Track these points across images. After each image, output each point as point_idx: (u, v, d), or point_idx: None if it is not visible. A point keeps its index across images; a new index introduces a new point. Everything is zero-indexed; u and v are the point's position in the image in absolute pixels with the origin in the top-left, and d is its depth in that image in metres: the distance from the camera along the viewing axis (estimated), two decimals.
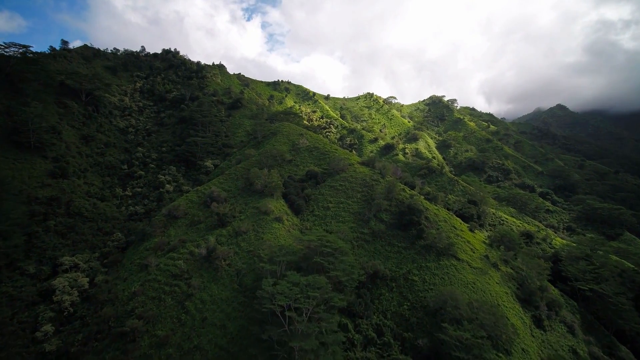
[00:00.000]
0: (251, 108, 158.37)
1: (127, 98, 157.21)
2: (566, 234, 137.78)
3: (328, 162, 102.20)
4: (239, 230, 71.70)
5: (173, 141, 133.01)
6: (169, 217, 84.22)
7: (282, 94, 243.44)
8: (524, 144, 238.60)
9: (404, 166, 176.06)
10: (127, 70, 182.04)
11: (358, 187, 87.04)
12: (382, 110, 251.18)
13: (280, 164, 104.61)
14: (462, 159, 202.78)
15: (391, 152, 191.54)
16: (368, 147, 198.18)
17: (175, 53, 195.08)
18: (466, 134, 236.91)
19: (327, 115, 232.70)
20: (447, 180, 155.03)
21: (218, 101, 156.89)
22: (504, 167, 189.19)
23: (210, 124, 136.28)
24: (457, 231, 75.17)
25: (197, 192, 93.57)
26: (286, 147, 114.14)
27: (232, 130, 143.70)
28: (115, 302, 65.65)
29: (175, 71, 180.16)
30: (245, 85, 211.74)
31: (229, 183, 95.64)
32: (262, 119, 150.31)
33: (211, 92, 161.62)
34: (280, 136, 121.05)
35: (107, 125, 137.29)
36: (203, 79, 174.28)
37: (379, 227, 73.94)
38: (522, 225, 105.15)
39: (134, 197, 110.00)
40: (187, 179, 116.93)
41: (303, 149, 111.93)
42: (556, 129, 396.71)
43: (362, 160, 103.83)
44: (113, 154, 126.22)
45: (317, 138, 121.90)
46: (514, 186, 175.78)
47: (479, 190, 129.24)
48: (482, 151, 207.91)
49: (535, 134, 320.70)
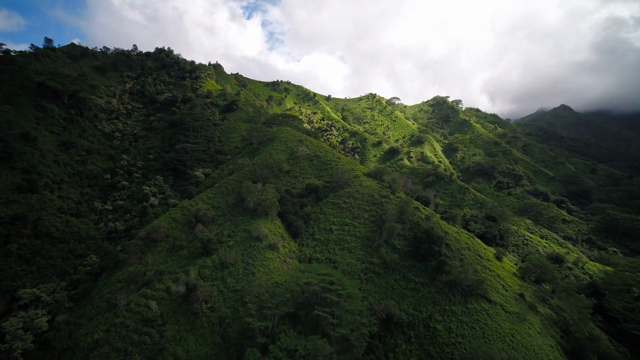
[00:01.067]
0: (247, 110, 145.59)
1: (115, 100, 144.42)
2: (586, 247, 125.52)
3: (330, 173, 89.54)
4: (225, 261, 59.18)
5: (162, 147, 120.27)
6: (147, 240, 71.68)
7: (282, 94, 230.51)
8: (532, 147, 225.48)
9: (410, 172, 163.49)
10: (117, 70, 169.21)
11: (365, 205, 74.39)
12: (385, 112, 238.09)
13: (277, 175, 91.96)
14: (469, 163, 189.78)
15: (395, 157, 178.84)
16: (371, 151, 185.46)
17: (169, 52, 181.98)
18: (473, 136, 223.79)
19: (328, 117, 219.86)
20: (456, 189, 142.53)
21: (212, 103, 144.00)
22: (514, 172, 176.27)
23: (202, 128, 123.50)
24: (484, 261, 62.58)
25: (181, 209, 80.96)
26: (284, 156, 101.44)
27: (226, 135, 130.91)
28: (75, 351, 53.29)
29: (168, 71, 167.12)
30: (242, 86, 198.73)
31: (219, 198, 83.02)
32: (258, 122, 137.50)
33: (204, 94, 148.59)
34: (278, 143, 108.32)
35: (91, 129, 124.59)
36: (197, 80, 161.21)
37: (392, 256, 61.38)
38: (549, 246, 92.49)
39: (115, 211, 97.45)
40: (175, 190, 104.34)
41: (302, 157, 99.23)
42: (560, 129, 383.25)
43: (369, 171, 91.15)
44: (96, 161, 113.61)
45: (317, 145, 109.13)
46: (526, 193, 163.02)
47: (495, 201, 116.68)
48: (490, 155, 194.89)
49: (540, 136, 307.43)
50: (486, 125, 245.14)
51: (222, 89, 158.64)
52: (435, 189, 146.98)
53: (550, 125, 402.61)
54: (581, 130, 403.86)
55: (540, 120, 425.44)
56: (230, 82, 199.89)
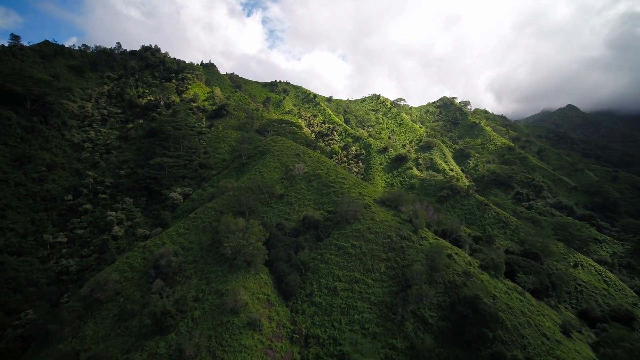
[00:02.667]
0: (239, 116, 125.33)
1: (89, 104, 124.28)
2: (626, 274, 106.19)
3: (333, 200, 69.69)
4: (184, 350, 39.67)
5: (136, 161, 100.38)
6: (90, 300, 52.21)
7: (280, 96, 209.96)
8: (548, 153, 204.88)
9: (420, 184, 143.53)
10: (96, 70, 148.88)
11: (381, 251, 54.59)
12: (390, 114, 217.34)
13: (267, 202, 72.06)
14: (483, 171, 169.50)
15: (403, 165, 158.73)
16: (377, 159, 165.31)
17: (155, 50, 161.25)
18: (484, 140, 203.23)
19: (330, 120, 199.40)
20: (475, 204, 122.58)
21: (198, 108, 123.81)
22: (534, 182, 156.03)
23: (184, 138, 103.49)
24: (552, 344, 43.01)
25: (142, 251, 61.24)
26: (277, 174, 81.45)
27: (213, 145, 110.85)
28: None
29: (152, 71, 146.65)
30: (236, 87, 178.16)
31: (191, 235, 63.30)
32: (251, 130, 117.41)
33: (190, 97, 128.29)
34: (270, 157, 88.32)
35: (56, 139, 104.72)
36: (183, 81, 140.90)
37: (423, 339, 41.82)
38: (608, 293, 72.53)
39: (72, 243, 77.92)
40: (147, 215, 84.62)
41: (299, 177, 79.27)
42: (568, 130, 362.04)
43: (382, 196, 71.11)
44: (58, 178, 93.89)
45: (318, 159, 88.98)
46: (549, 207, 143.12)
47: (530, 228, 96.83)
48: (506, 162, 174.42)
49: (550, 138, 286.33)
50: (497, 128, 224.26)
51: (210, 91, 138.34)
52: (450, 204, 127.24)
53: (557, 126, 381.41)
54: (589, 131, 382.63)
55: (547, 121, 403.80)
56: (223, 83, 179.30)
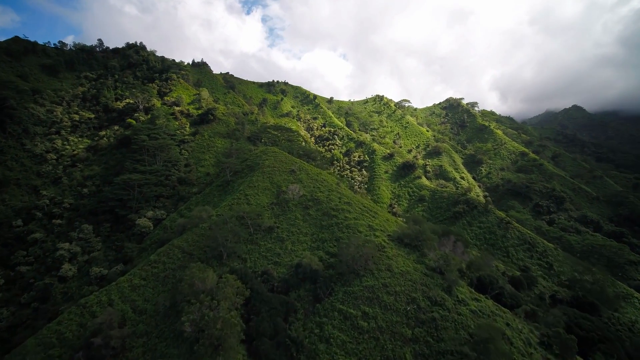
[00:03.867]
0: (228, 121, 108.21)
1: (60, 108, 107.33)
2: None
3: (337, 236, 52.95)
4: None
5: (104, 176, 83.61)
6: None
7: (278, 97, 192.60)
8: (564, 158, 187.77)
9: (431, 196, 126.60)
10: (73, 69, 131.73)
11: (404, 326, 37.88)
12: (395, 117, 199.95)
13: (252, 238, 55.35)
14: (497, 180, 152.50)
15: (411, 173, 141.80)
16: (382, 166, 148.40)
17: (140, 48, 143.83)
18: (495, 145, 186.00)
19: (331, 122, 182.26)
20: (495, 222, 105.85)
21: (182, 113, 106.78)
22: (554, 192, 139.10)
23: (162, 148, 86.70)
24: None
25: (80, 312, 44.64)
26: (266, 197, 64.62)
27: (197, 156, 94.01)
28: None
29: (134, 71, 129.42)
30: (229, 88, 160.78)
31: (149, 289, 46.58)
32: (241, 137, 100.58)
33: (173, 101, 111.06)
34: (260, 174, 71.43)
35: (13, 150, 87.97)
36: (167, 82, 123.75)
37: None
38: None
39: (10, 285, 61.33)
40: (109, 247, 67.98)
41: (294, 202, 62.47)
42: (574, 131, 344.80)
43: (401, 232, 54.14)
44: (10, 198, 77.03)
45: (317, 177, 72.00)
46: (573, 221, 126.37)
47: (559, 251, 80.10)
48: (521, 170, 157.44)
49: (560, 141, 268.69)
50: (508, 131, 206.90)
51: (197, 93, 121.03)
52: (466, 221, 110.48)
53: (563, 127, 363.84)
54: (595, 132, 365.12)
55: (553, 122, 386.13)
56: (215, 83, 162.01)
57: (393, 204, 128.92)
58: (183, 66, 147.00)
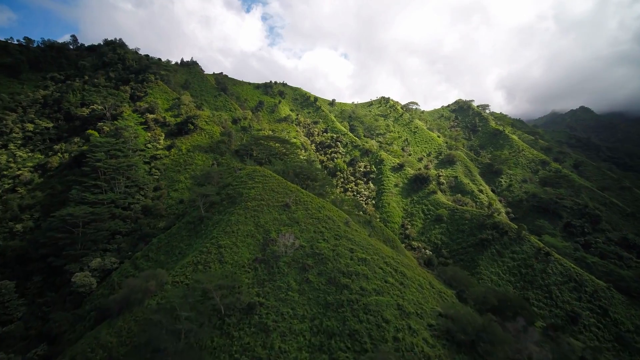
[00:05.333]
0: (212, 132, 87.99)
1: (13, 115, 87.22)
2: None
3: (351, 331, 33.33)
4: None
5: (47, 207, 63.66)
6: None
7: (275, 99, 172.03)
8: (587, 166, 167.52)
9: (450, 217, 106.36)
10: (39, 70, 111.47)
11: None
12: (402, 120, 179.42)
13: (221, 323, 35.71)
14: (520, 193, 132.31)
15: (425, 187, 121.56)
16: (391, 178, 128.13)
17: (119, 45, 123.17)
18: (511, 152, 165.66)
19: (333, 127, 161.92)
20: (531, 253, 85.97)
21: (156, 121, 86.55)
22: (587, 209, 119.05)
23: (122, 170, 66.68)
24: None
25: None
26: (248, 251, 44.58)
27: (170, 177, 73.96)
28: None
29: (108, 71, 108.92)
30: (221, 90, 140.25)
31: None
32: (227, 150, 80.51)
33: (146, 107, 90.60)
34: (243, 211, 51.44)
35: None
36: (142, 84, 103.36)
37: None
38: None
39: None
40: (34, 315, 48.40)
41: (287, 260, 42.60)
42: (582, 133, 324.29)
43: (448, 315, 34.59)
44: None
45: (319, 214, 52.01)
46: (613, 244, 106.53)
47: (612, 293, 60.43)
48: (546, 182, 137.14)
49: (573, 145, 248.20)
50: (525, 136, 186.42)
51: (177, 97, 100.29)
52: (495, 250, 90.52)
53: (571, 130, 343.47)
54: (604, 134, 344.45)
55: (560, 124, 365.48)
56: (205, 85, 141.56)
57: (405, 223, 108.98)
58: (164, 66, 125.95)
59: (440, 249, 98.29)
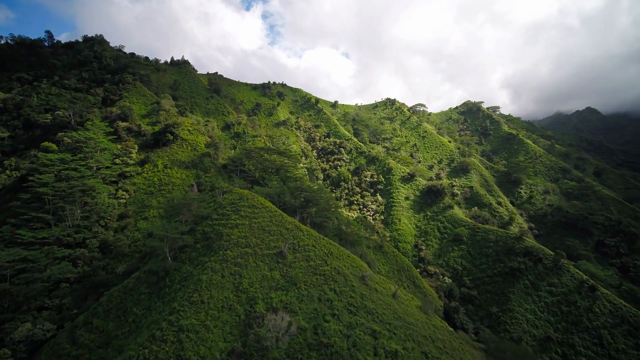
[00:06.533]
0: (195, 143, 72.88)
1: None
2: None
3: None
4: None
5: None
6: None
7: (274, 101, 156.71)
8: (608, 174, 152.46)
9: (471, 238, 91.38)
10: (5, 69, 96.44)
11: None
12: (410, 124, 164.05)
13: None
14: (543, 206, 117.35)
15: (440, 201, 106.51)
16: (401, 190, 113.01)
17: (98, 41, 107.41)
18: (527, 158, 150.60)
19: (336, 131, 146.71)
20: (573, 286, 71.38)
21: (130, 130, 71.45)
22: (621, 227, 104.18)
23: (75, 196, 51.74)
24: None
25: None
26: (222, 343, 29.93)
27: (141, 200, 59.02)
28: None
29: (81, 71, 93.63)
30: (214, 92, 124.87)
31: None
32: (212, 166, 65.53)
33: (117, 113, 75.24)
34: (220, 266, 36.55)
35: None
36: (118, 85, 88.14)
37: None
38: None
39: None
40: None
41: (279, 354, 27.78)
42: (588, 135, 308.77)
43: None
44: None
45: (325, 266, 37.30)
46: None
47: None
48: (570, 194, 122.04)
49: (584, 148, 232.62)
50: (539, 140, 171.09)
51: (156, 102, 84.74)
52: (529, 281, 75.66)
53: (578, 131, 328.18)
54: (612, 136, 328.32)
55: (566, 125, 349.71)
56: (197, 86, 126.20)
57: (419, 244, 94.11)
58: (146, 64, 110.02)
59: (461, 275, 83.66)
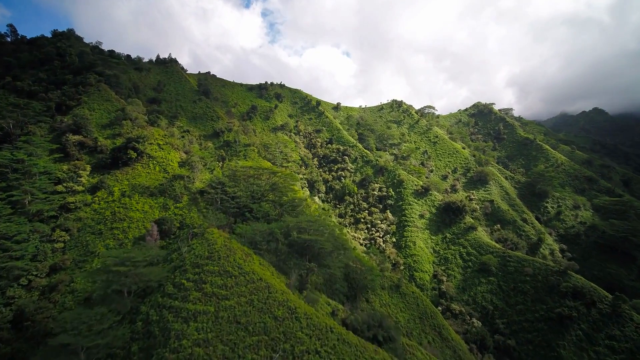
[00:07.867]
0: (165, 160, 56.82)
1: None
2: None
3: None
4: None
5: None
6: None
7: (271, 103, 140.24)
8: (634, 183, 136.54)
9: (500, 266, 75.63)
10: None
11: None
12: (419, 128, 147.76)
13: None
14: (574, 224, 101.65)
15: (460, 221, 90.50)
16: (415, 207, 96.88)
17: (66, 37, 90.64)
18: (547, 165, 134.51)
19: (339, 137, 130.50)
20: (635, 334, 55.83)
21: (83, 146, 55.32)
22: None
23: None
24: None
25: None
26: None
27: (85, 245, 42.87)
28: None
29: (38, 71, 77.14)
30: (202, 94, 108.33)
31: None
32: (185, 193, 49.32)
33: (69, 124, 58.62)
34: None
35: None
36: (78, 88, 71.66)
37: None
38: None
39: None
40: None
41: None
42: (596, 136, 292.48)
43: None
44: None
45: None
46: None
47: None
48: (603, 209, 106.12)
49: (598, 151, 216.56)
50: (559, 146, 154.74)
51: (121, 108, 68.17)
52: (582, 332, 59.99)
53: (586, 132, 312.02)
54: (620, 137, 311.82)
55: (573, 126, 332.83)
56: (183, 87, 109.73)
57: (439, 274, 78.23)
58: (115, 62, 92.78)
59: (492, 317, 68.16)
